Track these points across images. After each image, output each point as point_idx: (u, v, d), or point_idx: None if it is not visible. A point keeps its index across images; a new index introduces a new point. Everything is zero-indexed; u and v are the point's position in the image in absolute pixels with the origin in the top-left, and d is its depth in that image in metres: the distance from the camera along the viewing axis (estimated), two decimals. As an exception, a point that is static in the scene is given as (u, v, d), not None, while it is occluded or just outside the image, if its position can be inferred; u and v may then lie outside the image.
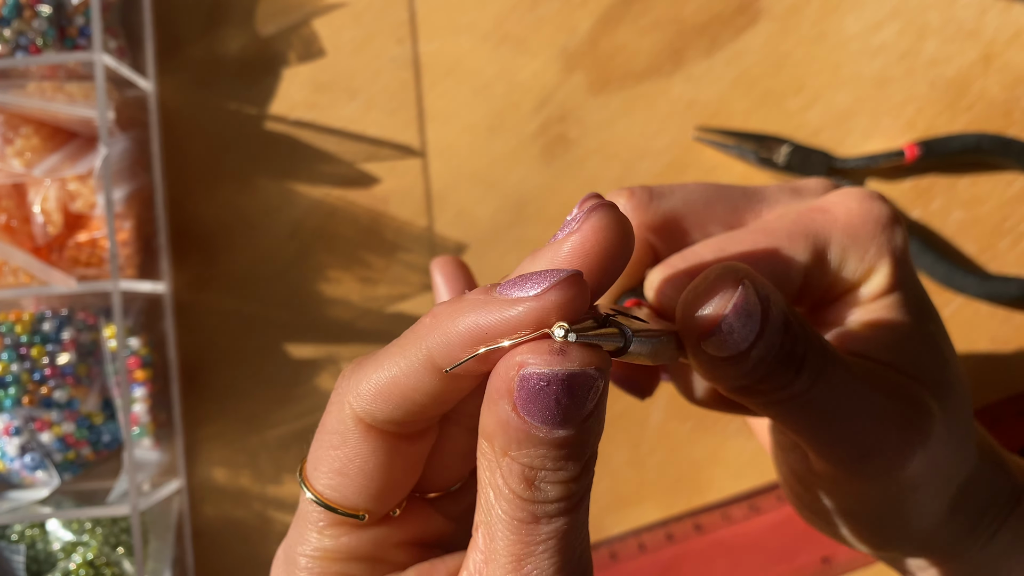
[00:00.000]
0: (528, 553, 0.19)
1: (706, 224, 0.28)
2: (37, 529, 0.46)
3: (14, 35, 0.44)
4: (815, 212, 0.27)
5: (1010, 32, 0.47)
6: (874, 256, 0.27)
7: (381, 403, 0.20)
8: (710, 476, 0.47)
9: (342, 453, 0.21)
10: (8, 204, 0.45)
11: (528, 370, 0.18)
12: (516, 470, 0.18)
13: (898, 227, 0.28)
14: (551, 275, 0.18)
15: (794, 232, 0.27)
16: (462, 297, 0.19)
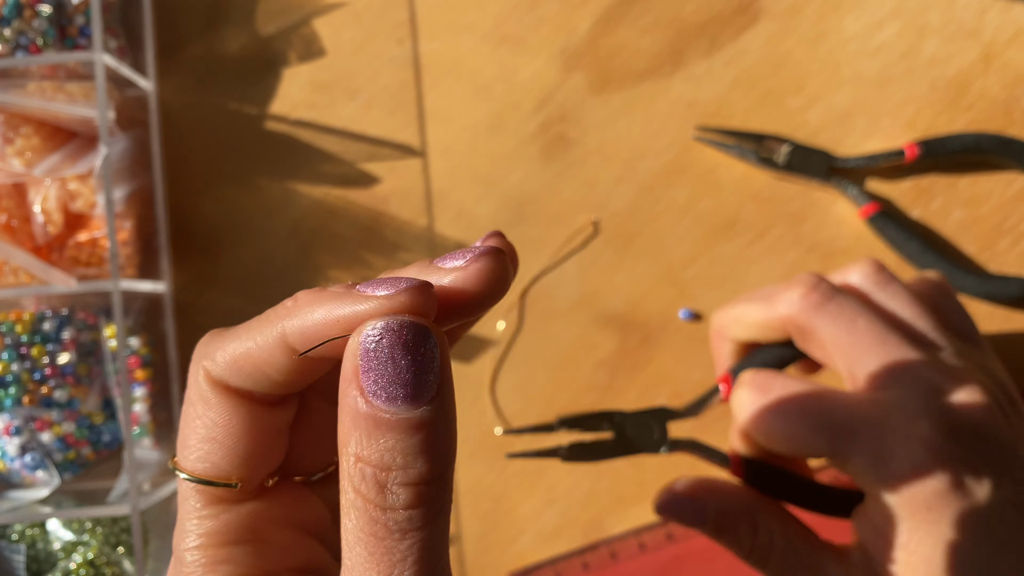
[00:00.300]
0: (387, 573, 0.17)
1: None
2: (37, 529, 0.46)
3: (14, 35, 0.44)
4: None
5: (1010, 32, 0.47)
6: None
7: (235, 372, 0.20)
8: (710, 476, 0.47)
9: (206, 419, 0.21)
10: (8, 204, 0.45)
11: (363, 333, 0.18)
12: (368, 473, 0.17)
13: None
14: (406, 281, 0.18)
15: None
16: (324, 288, 0.20)
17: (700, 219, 0.48)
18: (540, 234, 0.48)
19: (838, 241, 0.47)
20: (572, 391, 0.47)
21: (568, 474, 0.47)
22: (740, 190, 0.48)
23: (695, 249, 0.48)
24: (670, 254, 0.48)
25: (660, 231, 0.48)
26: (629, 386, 0.47)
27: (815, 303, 0.33)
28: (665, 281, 0.48)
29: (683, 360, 0.47)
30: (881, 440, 0.30)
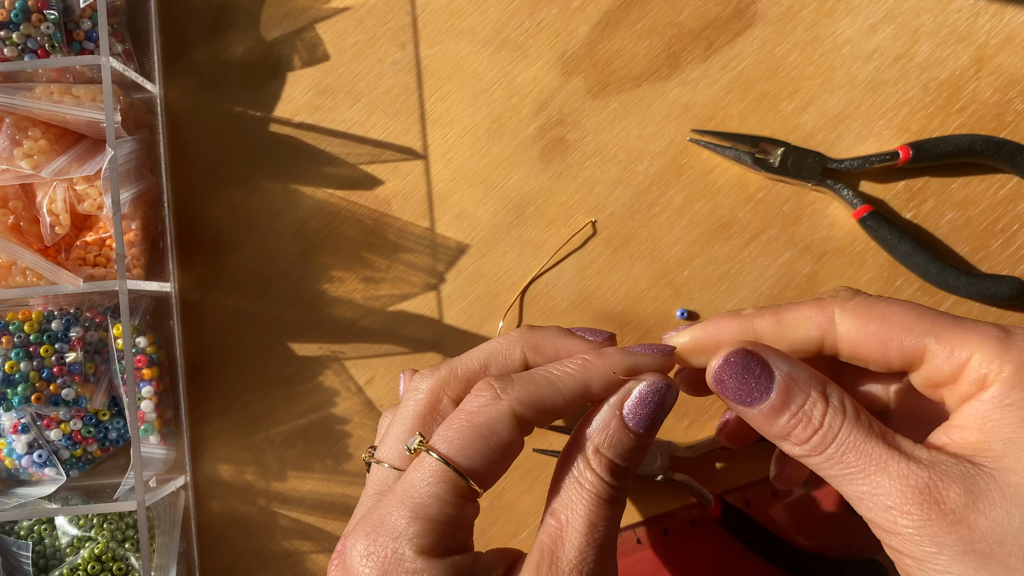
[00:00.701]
0: (599, 522, 0.29)
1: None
2: (45, 525, 0.47)
3: (22, 39, 0.44)
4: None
5: (1002, 35, 0.48)
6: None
7: (534, 414, 0.30)
8: (706, 471, 0.48)
9: (492, 440, 0.29)
10: (17, 205, 0.45)
11: (643, 385, 0.31)
12: (605, 463, 0.30)
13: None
14: (662, 349, 0.33)
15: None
16: (605, 351, 0.33)
17: (696, 220, 0.48)
18: (539, 235, 0.49)
19: (832, 242, 0.48)
20: (571, 389, 0.48)
21: (567, 471, 0.48)
22: (735, 192, 0.48)
23: (691, 250, 0.48)
24: (667, 255, 0.48)
25: (657, 232, 0.48)
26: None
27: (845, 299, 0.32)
28: (662, 281, 0.48)
29: (680, 359, 0.48)
30: (1000, 329, 0.29)
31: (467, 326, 0.49)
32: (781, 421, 0.30)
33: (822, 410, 0.29)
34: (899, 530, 0.27)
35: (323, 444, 0.49)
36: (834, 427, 0.29)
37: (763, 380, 0.30)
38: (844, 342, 0.31)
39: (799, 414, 0.29)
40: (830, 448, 0.29)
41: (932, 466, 0.27)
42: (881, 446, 0.28)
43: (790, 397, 0.29)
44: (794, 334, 0.32)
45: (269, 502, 0.49)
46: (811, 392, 0.30)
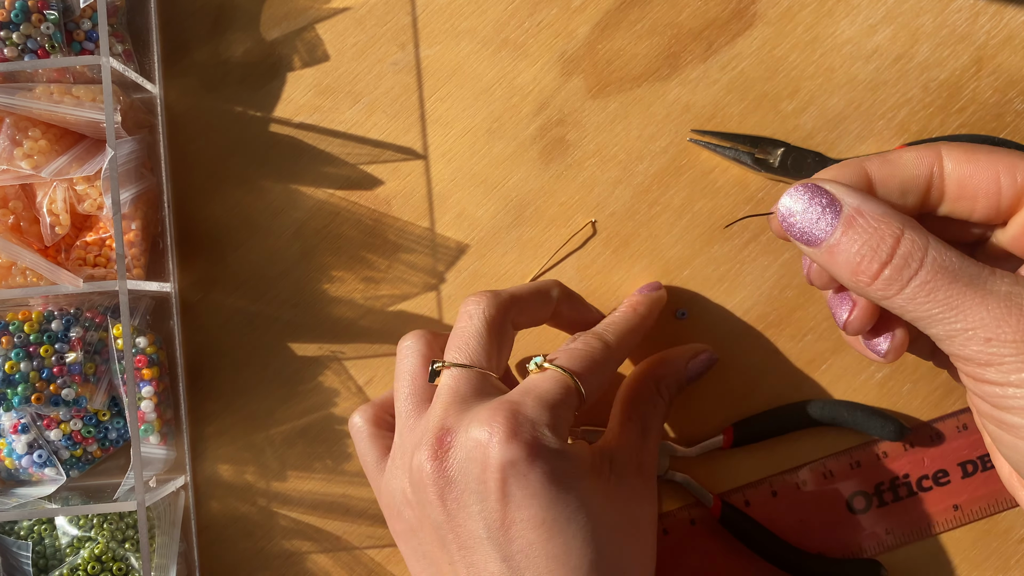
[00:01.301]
0: (661, 430, 0.43)
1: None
2: (45, 525, 0.47)
3: (22, 39, 0.44)
4: None
5: (1002, 36, 0.48)
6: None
7: (517, 313, 0.41)
8: (706, 471, 0.48)
9: (601, 373, 0.39)
10: (16, 205, 0.45)
11: (708, 355, 0.45)
12: (667, 393, 0.43)
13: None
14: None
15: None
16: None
17: (696, 220, 0.48)
18: (539, 235, 0.49)
19: (832, 242, 0.48)
20: (571, 389, 0.48)
21: (567, 471, 0.48)
22: (735, 192, 0.48)
23: (691, 250, 0.48)
24: (667, 255, 0.48)
25: (657, 232, 0.48)
26: (627, 385, 0.48)
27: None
28: (662, 281, 0.48)
29: (680, 359, 0.48)
30: None
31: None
32: (849, 254, 0.28)
33: (893, 239, 0.27)
34: (1001, 360, 0.25)
35: (323, 444, 0.49)
36: (914, 258, 0.27)
37: (828, 213, 0.28)
38: (953, 177, 0.29)
39: (867, 246, 0.27)
40: (913, 283, 0.27)
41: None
42: (975, 276, 0.26)
43: (856, 228, 0.28)
44: (903, 171, 0.30)
45: (269, 502, 0.49)
46: (883, 223, 0.27)
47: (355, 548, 0.49)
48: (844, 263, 0.28)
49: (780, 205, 0.30)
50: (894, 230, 0.27)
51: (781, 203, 0.30)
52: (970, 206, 0.30)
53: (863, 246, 0.28)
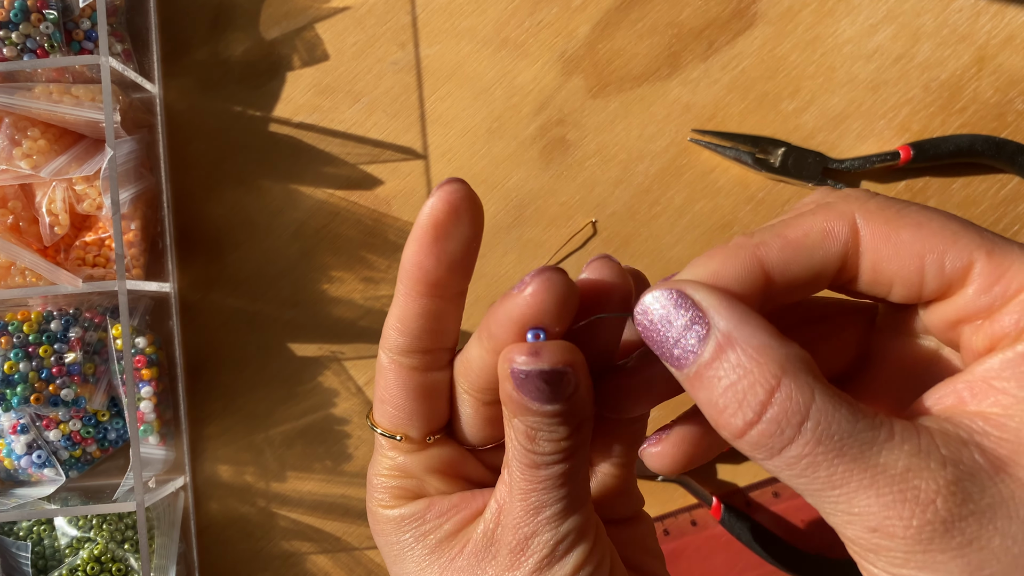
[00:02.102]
0: (532, 489, 0.24)
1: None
2: (44, 525, 0.47)
3: (22, 39, 0.44)
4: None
5: (1003, 35, 0.47)
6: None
7: (396, 335, 0.26)
8: (706, 472, 0.48)
9: (380, 385, 0.27)
10: (16, 205, 0.45)
11: (513, 366, 0.23)
12: (521, 429, 0.24)
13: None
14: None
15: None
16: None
17: (697, 220, 0.48)
18: (539, 235, 0.49)
19: (833, 242, 0.48)
20: (571, 390, 0.48)
21: (567, 472, 0.48)
22: (736, 192, 0.48)
23: (692, 250, 0.48)
24: (667, 255, 0.48)
25: (657, 232, 0.48)
26: (627, 385, 0.48)
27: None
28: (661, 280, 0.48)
29: (680, 359, 0.48)
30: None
31: (467, 327, 0.49)
32: (711, 394, 0.22)
33: (765, 392, 0.21)
34: (886, 551, 0.20)
35: (322, 445, 0.49)
36: (790, 423, 0.21)
37: (694, 332, 0.22)
38: (869, 256, 0.23)
39: (732, 392, 0.21)
40: (786, 453, 0.21)
41: (938, 471, 0.20)
42: (867, 444, 0.20)
43: (723, 362, 0.21)
44: (811, 256, 0.23)
45: (268, 503, 0.49)
46: (758, 363, 0.21)
47: (355, 549, 0.49)
48: (705, 403, 0.22)
49: (639, 308, 0.23)
50: (768, 378, 0.21)
51: (640, 304, 0.23)
52: (886, 290, 0.24)
53: (727, 390, 0.21)
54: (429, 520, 0.27)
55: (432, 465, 0.28)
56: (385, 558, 0.28)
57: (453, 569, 0.26)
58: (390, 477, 0.28)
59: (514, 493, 0.25)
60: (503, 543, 0.25)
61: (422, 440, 0.27)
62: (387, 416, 0.27)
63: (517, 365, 0.23)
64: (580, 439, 0.24)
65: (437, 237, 0.25)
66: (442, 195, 0.25)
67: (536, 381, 0.23)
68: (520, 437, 0.24)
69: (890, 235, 0.23)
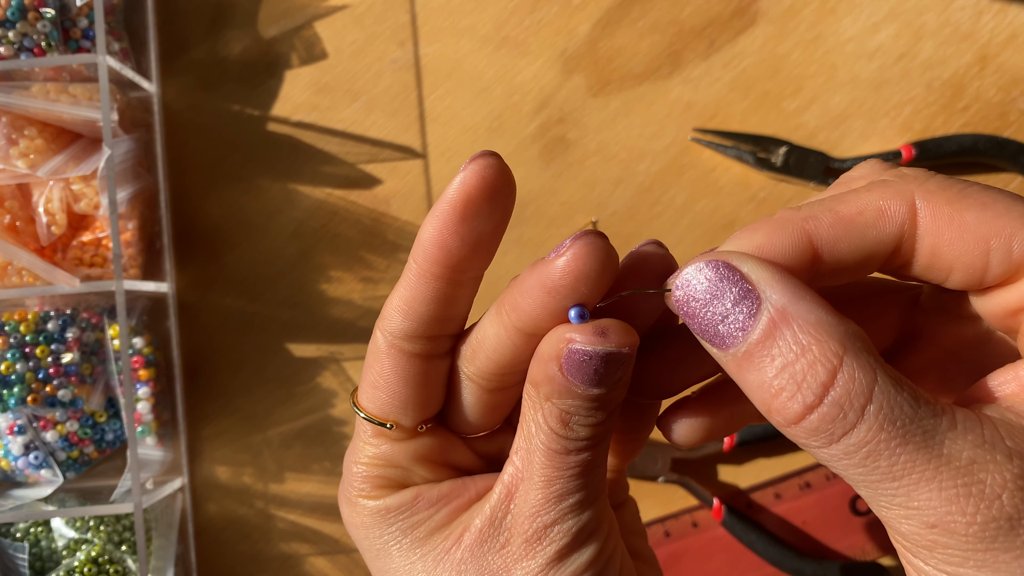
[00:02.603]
0: (558, 476, 0.23)
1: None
2: (41, 527, 0.47)
3: (19, 37, 0.44)
4: None
5: (1006, 34, 0.47)
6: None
7: (401, 317, 0.24)
8: (708, 473, 0.48)
9: (371, 372, 0.26)
10: (12, 204, 0.45)
11: (574, 346, 0.21)
12: (555, 413, 0.23)
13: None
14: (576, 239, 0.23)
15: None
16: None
17: (698, 220, 0.48)
18: (540, 234, 0.49)
19: (835, 242, 0.47)
20: (571, 390, 0.48)
21: (567, 473, 0.48)
22: (738, 191, 0.48)
23: (693, 250, 0.48)
24: (668, 255, 0.48)
25: (659, 232, 0.48)
26: (628, 386, 0.48)
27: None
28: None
29: (681, 360, 0.48)
30: None
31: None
32: (763, 378, 0.20)
33: (827, 372, 0.19)
34: (942, 549, 0.19)
35: (321, 446, 0.49)
36: (853, 407, 0.19)
37: (743, 308, 0.20)
38: (928, 239, 0.21)
39: (788, 374, 0.19)
40: (847, 440, 0.19)
41: (1005, 465, 0.19)
42: (930, 431, 0.19)
43: (778, 341, 0.19)
44: (864, 236, 0.21)
45: (267, 504, 0.49)
46: (818, 341, 0.19)
47: (353, 551, 0.49)
48: (755, 387, 0.20)
49: (679, 283, 0.21)
50: (829, 356, 0.19)
51: (681, 277, 0.21)
52: (943, 276, 0.22)
53: (783, 372, 0.19)
54: (418, 510, 0.26)
55: (420, 453, 0.26)
56: (365, 553, 0.26)
57: (450, 562, 0.24)
58: (372, 466, 0.26)
59: (534, 480, 0.23)
60: (516, 532, 0.24)
61: (413, 429, 0.26)
62: (377, 402, 0.25)
63: (579, 345, 0.21)
64: (610, 425, 0.23)
65: (466, 216, 0.23)
66: (476, 169, 0.23)
67: (596, 363, 0.21)
68: (552, 421, 0.23)
69: (953, 216, 0.21)
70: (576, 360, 0.21)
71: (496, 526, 0.24)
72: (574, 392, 0.22)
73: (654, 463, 0.46)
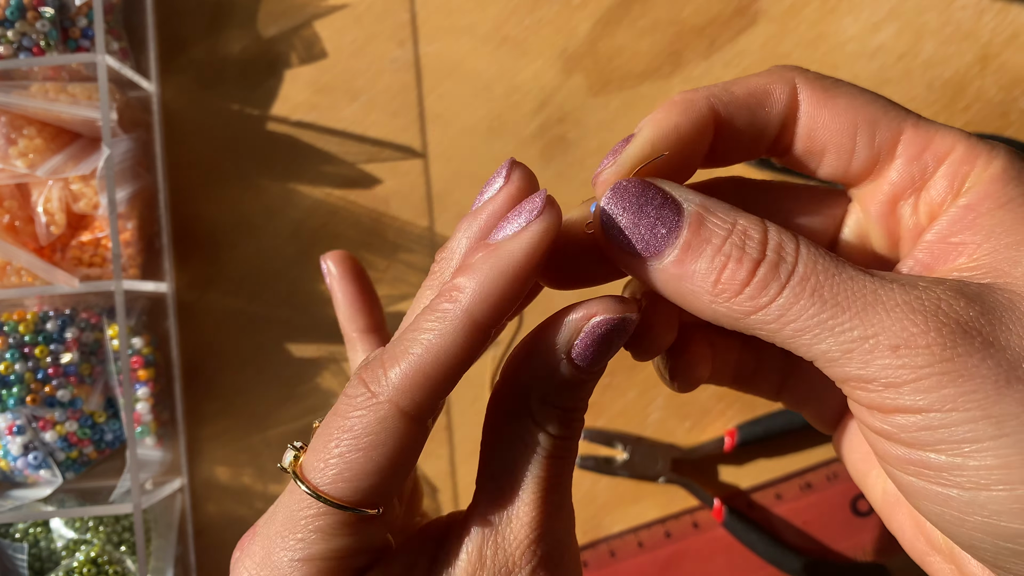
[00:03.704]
0: (553, 487, 0.22)
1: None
2: (40, 527, 0.47)
3: (17, 36, 0.44)
4: None
5: (1007, 33, 0.47)
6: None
7: (422, 394, 0.21)
8: (708, 474, 0.48)
9: (376, 453, 0.21)
10: (12, 204, 0.45)
11: (599, 318, 0.22)
12: (555, 416, 0.22)
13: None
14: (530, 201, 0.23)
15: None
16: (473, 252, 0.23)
17: (699, 220, 0.48)
18: (540, 235, 0.49)
19: (836, 242, 0.47)
20: (571, 391, 0.48)
21: (567, 473, 0.47)
22: (738, 191, 0.48)
23: (694, 249, 0.48)
24: (669, 254, 0.48)
25: (659, 232, 0.48)
26: (628, 385, 0.47)
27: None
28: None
29: (682, 360, 0.48)
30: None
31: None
32: (701, 264, 0.21)
33: (759, 232, 0.21)
34: (916, 375, 0.19)
35: (321, 446, 0.49)
36: (787, 251, 0.20)
37: (664, 217, 0.21)
38: (805, 120, 0.23)
39: (726, 249, 0.21)
40: (792, 282, 0.20)
41: (931, 287, 0.20)
42: (861, 274, 0.20)
43: (707, 228, 0.21)
44: (755, 113, 0.24)
45: (267, 504, 0.49)
46: (739, 219, 0.21)
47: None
48: (698, 277, 0.21)
49: (604, 201, 0.22)
50: (755, 223, 0.21)
51: (601, 204, 0.22)
52: (815, 161, 0.24)
53: (719, 251, 0.21)
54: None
55: (393, 529, 0.24)
56: None
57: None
58: (340, 558, 0.22)
59: (524, 501, 0.22)
60: (515, 561, 0.22)
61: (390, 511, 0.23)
62: (364, 483, 0.21)
63: (603, 316, 0.22)
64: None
65: (530, 274, 0.22)
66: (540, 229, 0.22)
67: (622, 329, 0.22)
68: (553, 426, 0.22)
69: (827, 101, 0.23)
70: (599, 334, 0.22)
71: (488, 565, 0.22)
72: (579, 379, 0.22)
73: (655, 464, 0.46)
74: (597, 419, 0.47)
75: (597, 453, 0.47)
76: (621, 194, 0.22)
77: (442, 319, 0.21)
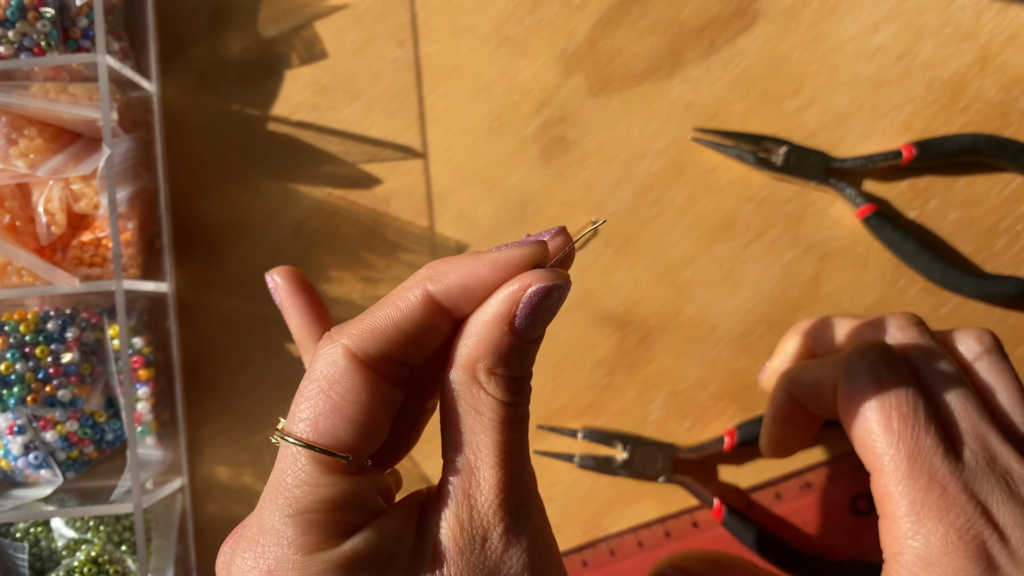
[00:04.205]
0: (513, 450, 0.25)
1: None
2: (41, 527, 0.47)
3: (18, 37, 0.44)
4: None
5: (1007, 33, 0.47)
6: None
7: (375, 340, 0.24)
8: (708, 473, 0.48)
9: (333, 393, 0.24)
10: (12, 204, 0.45)
11: (536, 286, 0.25)
12: (502, 384, 0.25)
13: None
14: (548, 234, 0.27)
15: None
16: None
17: (698, 220, 0.48)
18: (540, 235, 0.49)
19: (835, 242, 0.47)
20: (571, 390, 0.48)
21: (568, 473, 0.47)
22: (738, 191, 0.48)
23: (693, 249, 0.48)
24: (668, 254, 0.48)
25: (659, 231, 0.48)
26: (628, 385, 0.47)
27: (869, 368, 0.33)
28: (663, 281, 0.48)
29: (681, 360, 0.48)
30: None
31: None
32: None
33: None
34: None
35: (322, 446, 0.49)
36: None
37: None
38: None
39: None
40: None
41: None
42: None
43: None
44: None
45: (267, 504, 0.49)
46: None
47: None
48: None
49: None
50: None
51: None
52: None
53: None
54: (386, 549, 0.24)
55: (381, 486, 0.25)
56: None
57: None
58: (330, 510, 0.23)
59: (488, 466, 0.24)
60: (490, 525, 0.24)
61: (362, 464, 0.25)
62: (334, 431, 0.23)
63: (539, 284, 0.25)
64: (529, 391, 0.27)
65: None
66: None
67: (556, 296, 0.25)
68: (501, 393, 0.25)
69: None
70: (535, 302, 0.25)
71: (466, 529, 0.24)
72: (520, 346, 0.25)
73: (654, 463, 0.46)
74: (597, 419, 0.47)
75: (597, 453, 0.47)
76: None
77: (404, 287, 0.25)
